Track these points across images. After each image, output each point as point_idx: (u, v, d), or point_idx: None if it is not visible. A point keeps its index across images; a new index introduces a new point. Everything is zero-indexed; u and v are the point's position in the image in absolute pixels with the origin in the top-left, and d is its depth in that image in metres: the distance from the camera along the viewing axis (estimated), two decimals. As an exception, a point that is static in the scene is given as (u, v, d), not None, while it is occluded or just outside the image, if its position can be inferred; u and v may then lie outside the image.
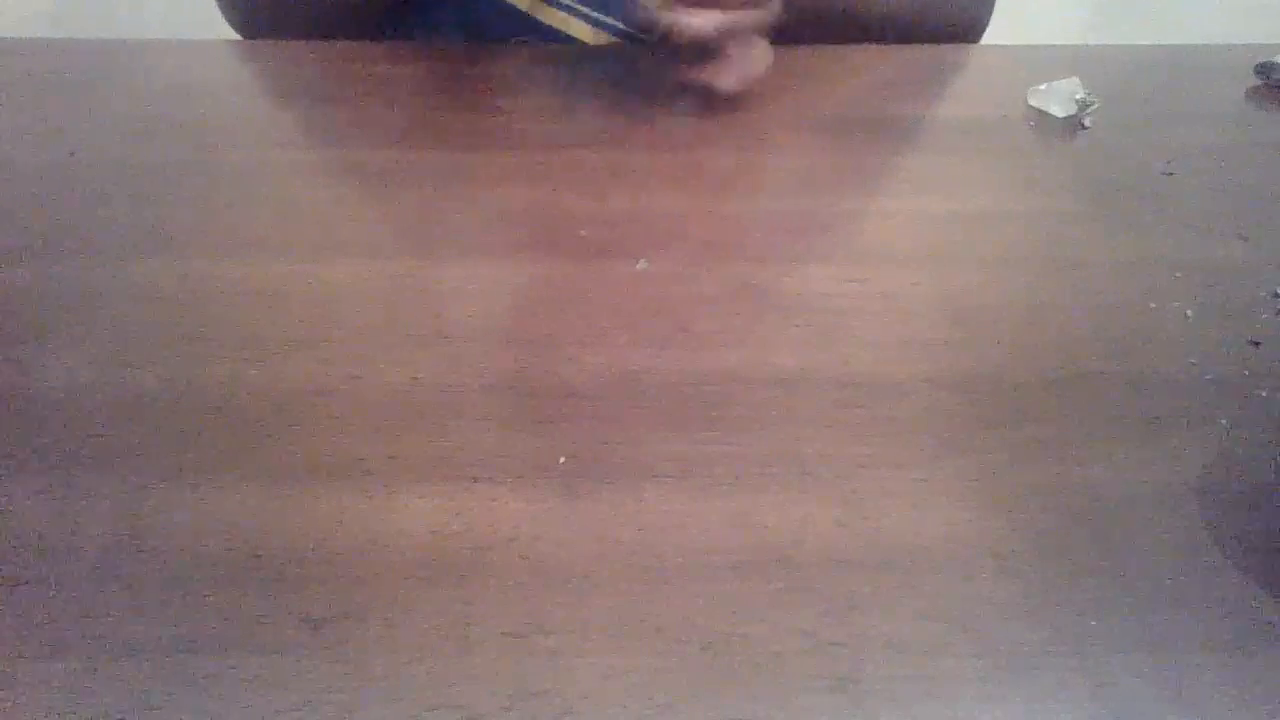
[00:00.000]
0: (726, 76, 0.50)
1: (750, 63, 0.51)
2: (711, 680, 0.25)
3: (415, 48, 0.60)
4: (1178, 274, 0.40)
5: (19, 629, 0.25)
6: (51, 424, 0.32)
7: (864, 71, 0.59)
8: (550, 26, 0.61)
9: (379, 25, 0.62)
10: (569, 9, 0.60)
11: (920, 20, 0.63)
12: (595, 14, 0.60)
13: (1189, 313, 0.38)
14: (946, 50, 0.63)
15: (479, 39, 0.61)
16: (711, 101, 0.51)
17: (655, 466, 0.30)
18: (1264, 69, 0.57)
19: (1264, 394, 0.34)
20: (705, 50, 0.48)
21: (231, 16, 0.64)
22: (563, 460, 0.31)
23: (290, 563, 0.27)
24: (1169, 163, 0.49)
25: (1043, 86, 0.54)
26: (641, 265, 0.40)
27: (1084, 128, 0.52)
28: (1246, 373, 0.35)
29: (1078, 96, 0.53)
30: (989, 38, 0.66)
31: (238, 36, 0.64)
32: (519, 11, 0.60)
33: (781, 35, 0.52)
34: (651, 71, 0.56)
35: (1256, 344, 0.36)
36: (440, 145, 0.49)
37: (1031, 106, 0.54)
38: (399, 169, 0.47)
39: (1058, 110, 0.53)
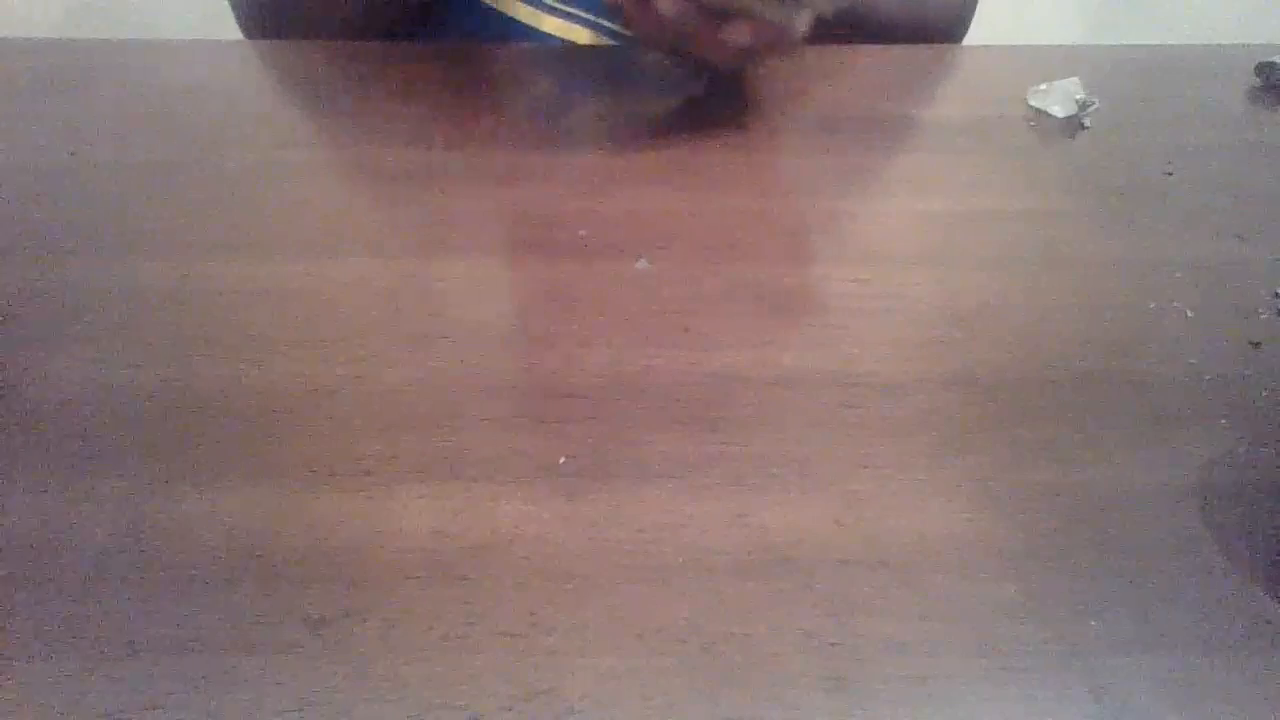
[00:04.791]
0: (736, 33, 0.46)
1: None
2: (711, 680, 0.25)
3: (414, 49, 0.60)
4: (1178, 274, 0.40)
5: (19, 629, 0.25)
6: (51, 424, 0.32)
7: (864, 71, 0.59)
8: (550, 34, 0.61)
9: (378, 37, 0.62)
10: (567, 15, 0.61)
11: (904, 19, 0.63)
12: (594, 18, 0.61)
13: (1189, 313, 0.38)
14: (947, 50, 0.64)
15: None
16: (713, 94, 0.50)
17: (655, 466, 0.30)
18: (1264, 69, 0.57)
19: (1264, 394, 0.34)
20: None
21: (239, 17, 0.65)
22: (563, 460, 0.31)
23: (290, 563, 0.27)
24: (1169, 163, 0.49)
25: (1043, 86, 0.54)
26: (641, 265, 0.40)
27: (1084, 128, 0.52)
28: (1246, 373, 0.35)
29: (1078, 96, 0.53)
30: (990, 38, 0.66)
31: (240, 36, 0.64)
32: (519, 22, 0.61)
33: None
34: (651, 71, 0.56)
35: (1256, 344, 0.36)
36: (440, 145, 0.49)
37: (1031, 106, 0.54)
38: (399, 169, 0.47)
39: (1058, 110, 0.53)
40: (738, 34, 0.45)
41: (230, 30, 0.66)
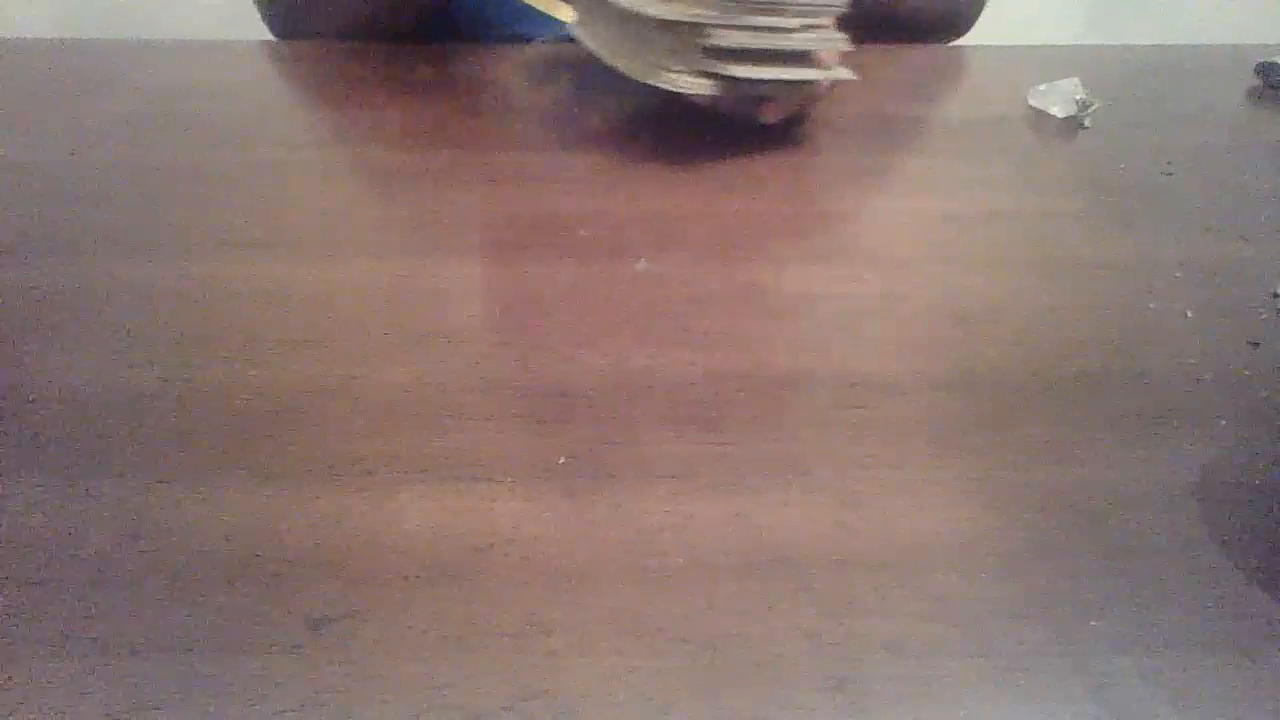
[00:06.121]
0: (771, 112, 0.50)
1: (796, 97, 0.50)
2: (711, 680, 0.25)
3: (416, 49, 0.60)
4: (1178, 274, 0.40)
5: (19, 629, 0.25)
6: (51, 424, 0.32)
7: (864, 71, 0.59)
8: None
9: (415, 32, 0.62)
10: None
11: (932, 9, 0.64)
12: None
13: (1189, 313, 0.38)
14: (946, 51, 0.64)
15: (505, 39, 0.62)
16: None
17: (655, 466, 0.30)
18: (1264, 69, 0.57)
19: (1264, 394, 0.34)
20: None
21: (268, 16, 0.65)
22: (563, 460, 0.31)
23: (290, 563, 0.27)
24: (1169, 163, 0.49)
25: (1043, 86, 0.54)
26: (641, 265, 0.40)
27: (1084, 128, 0.52)
28: (1246, 373, 0.35)
29: (1078, 96, 0.53)
30: (990, 38, 0.66)
31: (241, 38, 0.64)
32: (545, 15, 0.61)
33: None
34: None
35: (1256, 344, 0.36)
36: (442, 145, 0.49)
37: (1031, 106, 0.54)
38: (400, 169, 0.47)
39: (1058, 110, 0.53)
40: (770, 114, 0.50)
41: (230, 31, 0.66)
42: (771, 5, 0.45)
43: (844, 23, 0.49)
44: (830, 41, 0.48)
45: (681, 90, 0.46)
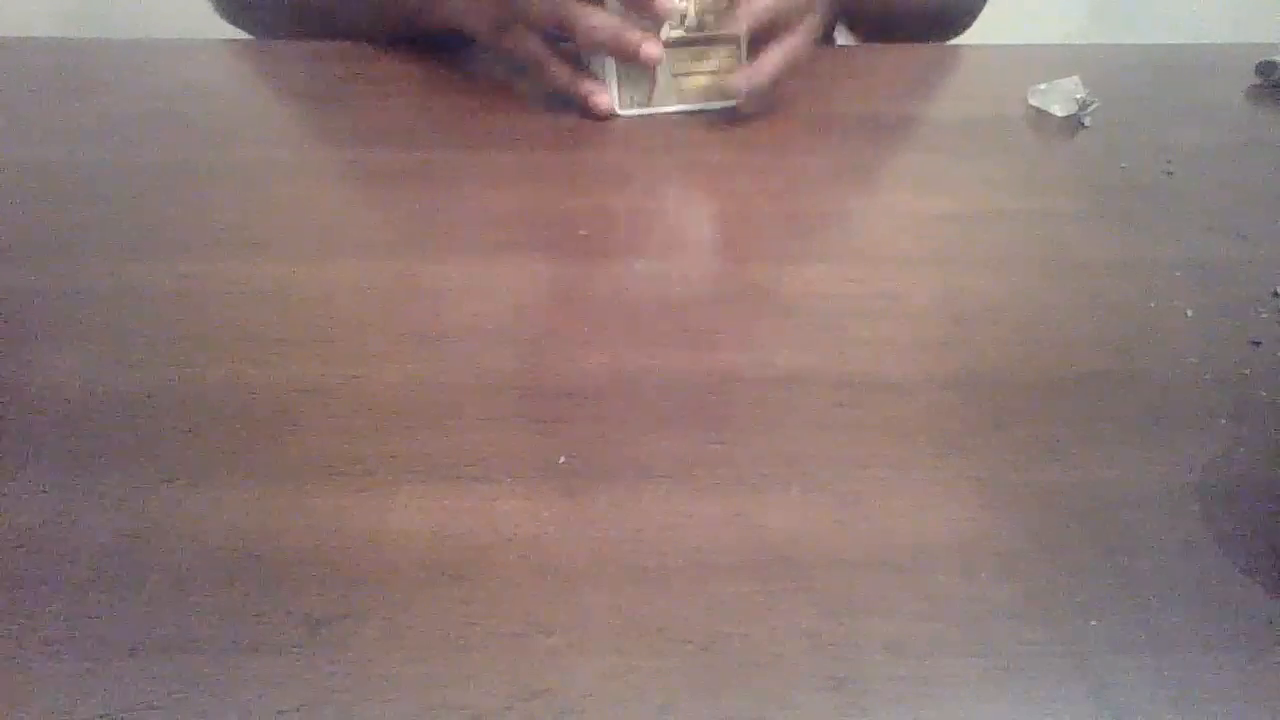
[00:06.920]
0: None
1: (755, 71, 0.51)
2: (711, 680, 0.25)
3: (413, 49, 0.60)
4: (1177, 274, 0.40)
5: (19, 629, 0.25)
6: (51, 424, 0.32)
7: (864, 71, 0.59)
8: None
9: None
10: None
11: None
12: None
13: (1189, 313, 0.38)
14: (946, 50, 0.64)
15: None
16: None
17: (655, 466, 0.30)
18: (1264, 69, 0.57)
19: (1264, 394, 0.34)
20: None
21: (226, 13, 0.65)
22: (563, 460, 0.31)
23: (290, 563, 0.27)
24: (1169, 163, 0.49)
25: (1043, 86, 0.54)
26: (641, 265, 0.40)
27: (1084, 127, 0.52)
28: (1246, 373, 0.35)
29: (1078, 96, 0.53)
30: (990, 37, 0.66)
31: (237, 37, 0.64)
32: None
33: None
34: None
35: (1256, 344, 0.36)
36: (440, 145, 0.49)
37: (1031, 106, 0.54)
38: (399, 169, 0.47)
39: (1058, 110, 0.53)
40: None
41: (230, 30, 0.66)
42: None
43: (845, 21, 0.49)
44: None
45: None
